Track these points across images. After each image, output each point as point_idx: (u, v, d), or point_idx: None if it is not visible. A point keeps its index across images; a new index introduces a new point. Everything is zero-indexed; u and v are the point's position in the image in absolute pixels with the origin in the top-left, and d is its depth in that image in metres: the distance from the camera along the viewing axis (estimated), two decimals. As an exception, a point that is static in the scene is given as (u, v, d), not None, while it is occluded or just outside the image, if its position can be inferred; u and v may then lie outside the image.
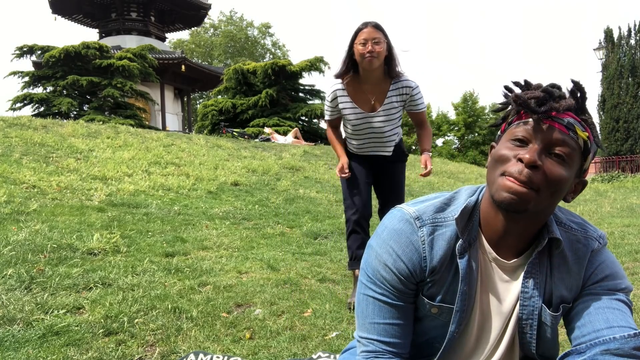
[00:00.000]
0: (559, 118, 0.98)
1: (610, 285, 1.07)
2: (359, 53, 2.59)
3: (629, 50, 21.46)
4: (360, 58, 2.60)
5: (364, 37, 2.57)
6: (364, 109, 2.75)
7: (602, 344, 0.98)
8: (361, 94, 2.74)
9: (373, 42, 2.56)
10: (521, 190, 0.97)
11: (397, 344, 1.12)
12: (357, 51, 2.60)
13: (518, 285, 1.10)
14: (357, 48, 2.60)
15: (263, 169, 8.63)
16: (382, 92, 2.73)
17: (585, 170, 1.06)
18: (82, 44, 17.75)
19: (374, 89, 2.72)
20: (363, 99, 2.74)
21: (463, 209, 1.08)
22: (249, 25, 43.01)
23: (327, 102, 2.84)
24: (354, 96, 2.75)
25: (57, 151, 7.38)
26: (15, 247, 3.08)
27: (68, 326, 2.05)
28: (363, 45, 2.57)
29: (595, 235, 1.11)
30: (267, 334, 2.15)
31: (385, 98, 2.73)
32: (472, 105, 32.20)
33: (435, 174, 12.23)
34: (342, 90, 2.75)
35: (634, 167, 20.54)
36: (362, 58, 2.59)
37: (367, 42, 2.56)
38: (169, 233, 4.15)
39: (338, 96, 2.76)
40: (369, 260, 1.14)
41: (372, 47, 2.56)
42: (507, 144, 1.02)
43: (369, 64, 2.59)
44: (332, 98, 2.79)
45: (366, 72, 2.66)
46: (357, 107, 2.75)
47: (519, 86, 1.06)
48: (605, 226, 5.58)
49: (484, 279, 1.12)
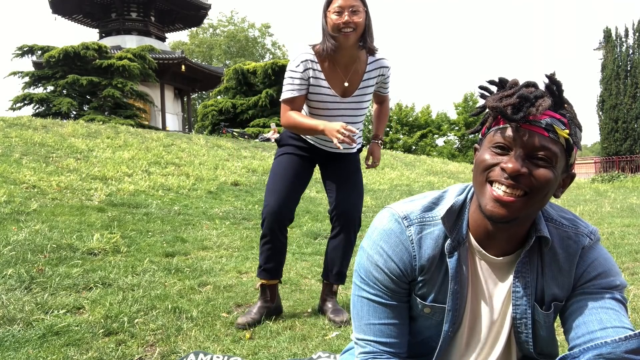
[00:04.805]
0: (537, 121, 0.97)
1: (603, 283, 1.07)
2: (333, 24, 2.13)
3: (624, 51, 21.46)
4: (334, 31, 2.14)
5: (338, 4, 2.12)
6: (336, 91, 2.27)
7: (594, 348, 0.98)
8: (334, 74, 2.25)
9: (350, 11, 2.11)
10: (509, 201, 0.97)
11: (394, 343, 1.12)
12: (330, 22, 2.14)
13: (508, 284, 1.10)
14: (330, 18, 2.14)
15: (263, 169, 8.63)
16: (357, 73, 2.27)
17: (571, 164, 1.05)
18: (82, 45, 17.79)
19: (348, 68, 2.26)
20: (336, 79, 2.26)
21: (449, 208, 1.08)
22: (251, 26, 43.02)
23: (294, 72, 2.23)
24: (327, 75, 2.25)
25: (57, 151, 7.38)
26: (15, 247, 3.08)
27: (68, 326, 2.05)
28: (338, 15, 2.12)
29: (586, 232, 1.10)
30: (267, 334, 2.15)
31: (361, 81, 2.29)
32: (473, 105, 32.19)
33: (436, 173, 12.23)
34: (315, 63, 2.23)
35: (633, 167, 20.54)
36: (337, 31, 2.13)
37: (343, 11, 2.11)
38: (169, 233, 4.15)
39: (310, 68, 2.22)
40: (361, 261, 1.14)
41: (350, 18, 2.11)
42: (489, 150, 1.01)
43: (345, 39, 2.14)
44: (304, 68, 2.22)
45: (340, 48, 2.19)
46: (331, 88, 2.26)
47: (494, 85, 1.05)
48: (605, 226, 5.58)
49: (473, 278, 1.12)
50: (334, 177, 2.46)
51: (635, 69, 21.11)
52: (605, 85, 21.76)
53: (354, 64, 2.26)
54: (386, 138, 30.15)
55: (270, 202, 2.30)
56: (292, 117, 2.24)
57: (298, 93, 2.24)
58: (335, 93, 2.27)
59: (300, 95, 2.25)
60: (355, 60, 2.26)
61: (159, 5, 24.94)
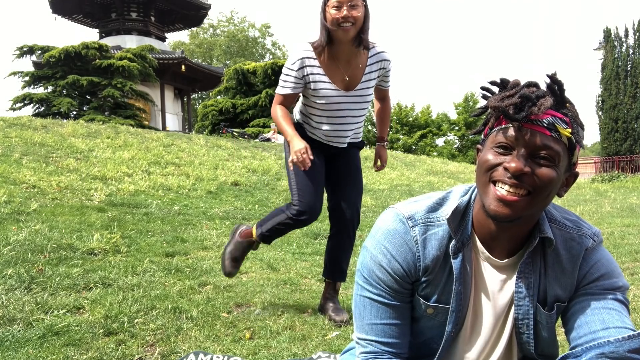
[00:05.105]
0: (539, 120, 0.97)
1: (606, 284, 1.07)
2: (332, 19, 2.15)
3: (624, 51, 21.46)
4: (333, 25, 2.16)
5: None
6: (338, 86, 2.30)
7: (597, 347, 0.98)
8: (334, 69, 2.29)
9: (349, 6, 2.13)
10: (513, 200, 0.97)
11: (396, 344, 1.12)
12: (329, 17, 2.16)
13: (512, 285, 1.10)
14: (329, 13, 2.16)
15: (263, 169, 8.63)
16: (358, 67, 2.31)
17: (574, 163, 1.05)
18: (82, 44, 17.78)
19: (348, 63, 2.29)
20: (336, 74, 2.29)
21: (455, 209, 1.08)
22: (251, 26, 43.04)
23: (290, 70, 2.27)
24: (327, 70, 2.29)
25: (57, 151, 7.38)
26: (15, 247, 3.08)
27: (68, 326, 2.05)
28: (337, 9, 2.14)
29: (590, 233, 1.11)
30: (267, 334, 2.15)
31: (364, 74, 2.31)
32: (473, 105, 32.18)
33: (436, 173, 12.23)
34: (313, 60, 2.27)
35: (633, 167, 20.55)
36: (336, 25, 2.15)
37: (342, 6, 2.13)
38: (169, 233, 4.15)
39: (306, 66, 2.26)
40: (364, 261, 1.14)
41: (349, 12, 2.13)
42: (492, 150, 1.02)
43: (344, 33, 2.16)
44: (300, 67, 2.26)
45: (340, 43, 2.23)
46: (333, 83, 2.29)
47: (496, 85, 1.06)
48: (605, 226, 5.58)
49: (477, 279, 1.12)
50: (335, 174, 2.48)
51: (635, 69, 21.11)
52: (605, 85, 21.76)
53: (355, 58, 2.29)
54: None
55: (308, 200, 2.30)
56: (277, 113, 2.33)
57: (291, 91, 2.29)
58: (338, 87, 2.30)
59: (293, 93, 2.30)
60: (356, 54, 2.28)
61: (159, 5, 24.93)
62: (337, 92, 2.30)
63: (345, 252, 2.51)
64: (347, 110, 2.34)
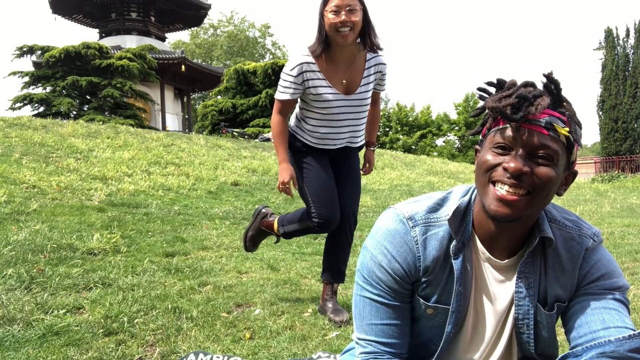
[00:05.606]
0: (536, 120, 0.97)
1: (606, 284, 1.07)
2: (330, 23, 2.14)
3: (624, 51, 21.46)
4: (331, 30, 2.16)
5: (335, 3, 2.13)
6: (338, 90, 2.30)
7: (598, 346, 0.98)
8: (333, 73, 2.28)
9: (347, 11, 2.12)
10: (512, 200, 0.98)
11: (395, 344, 1.12)
12: (327, 21, 2.15)
13: (512, 285, 1.10)
14: (327, 17, 2.15)
15: (263, 169, 8.63)
16: (357, 70, 2.30)
17: (573, 162, 1.05)
18: (82, 44, 17.78)
19: (347, 67, 2.29)
20: (336, 78, 2.29)
21: (455, 209, 1.08)
22: (251, 26, 43.04)
23: (289, 76, 2.27)
24: (326, 74, 2.28)
25: (57, 151, 7.38)
26: (15, 247, 3.08)
27: (68, 326, 2.05)
28: (335, 14, 2.12)
29: (590, 233, 1.11)
30: (267, 334, 2.15)
31: (362, 78, 2.32)
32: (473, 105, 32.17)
33: (436, 173, 12.24)
34: (312, 65, 2.26)
35: (633, 167, 20.55)
36: (334, 31, 2.15)
37: (340, 11, 2.12)
38: (169, 233, 4.15)
39: (305, 71, 2.25)
40: (364, 261, 1.14)
41: (347, 17, 2.12)
42: (490, 150, 1.02)
43: (343, 38, 2.16)
44: (299, 72, 2.25)
45: (339, 47, 2.22)
46: (332, 87, 2.29)
47: (492, 86, 1.06)
48: (605, 226, 5.58)
49: (478, 279, 1.12)
50: (335, 174, 2.49)
51: (635, 69, 21.12)
52: (605, 86, 21.77)
53: (353, 62, 2.30)
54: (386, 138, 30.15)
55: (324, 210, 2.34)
56: (275, 128, 2.37)
57: (290, 97, 2.30)
58: (338, 91, 2.30)
59: (292, 99, 2.31)
60: (354, 58, 2.29)
61: (159, 5, 24.93)
62: (337, 96, 2.30)
63: (343, 253, 2.52)
64: (347, 113, 2.35)
